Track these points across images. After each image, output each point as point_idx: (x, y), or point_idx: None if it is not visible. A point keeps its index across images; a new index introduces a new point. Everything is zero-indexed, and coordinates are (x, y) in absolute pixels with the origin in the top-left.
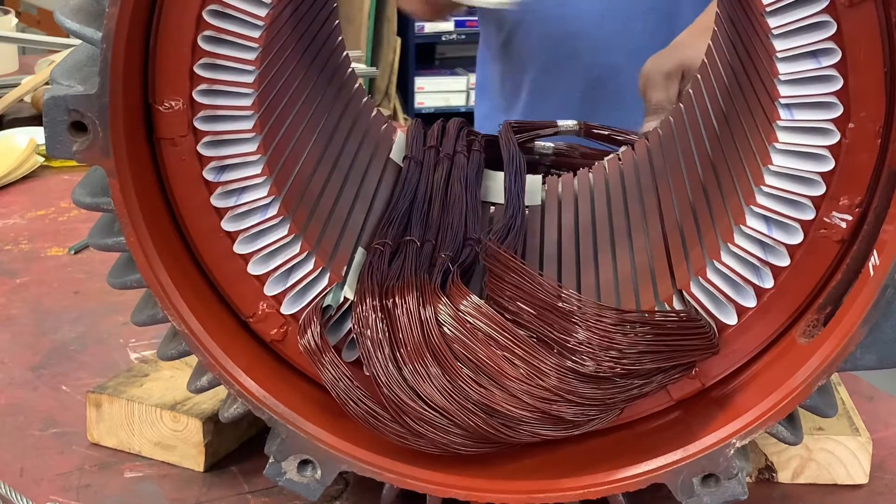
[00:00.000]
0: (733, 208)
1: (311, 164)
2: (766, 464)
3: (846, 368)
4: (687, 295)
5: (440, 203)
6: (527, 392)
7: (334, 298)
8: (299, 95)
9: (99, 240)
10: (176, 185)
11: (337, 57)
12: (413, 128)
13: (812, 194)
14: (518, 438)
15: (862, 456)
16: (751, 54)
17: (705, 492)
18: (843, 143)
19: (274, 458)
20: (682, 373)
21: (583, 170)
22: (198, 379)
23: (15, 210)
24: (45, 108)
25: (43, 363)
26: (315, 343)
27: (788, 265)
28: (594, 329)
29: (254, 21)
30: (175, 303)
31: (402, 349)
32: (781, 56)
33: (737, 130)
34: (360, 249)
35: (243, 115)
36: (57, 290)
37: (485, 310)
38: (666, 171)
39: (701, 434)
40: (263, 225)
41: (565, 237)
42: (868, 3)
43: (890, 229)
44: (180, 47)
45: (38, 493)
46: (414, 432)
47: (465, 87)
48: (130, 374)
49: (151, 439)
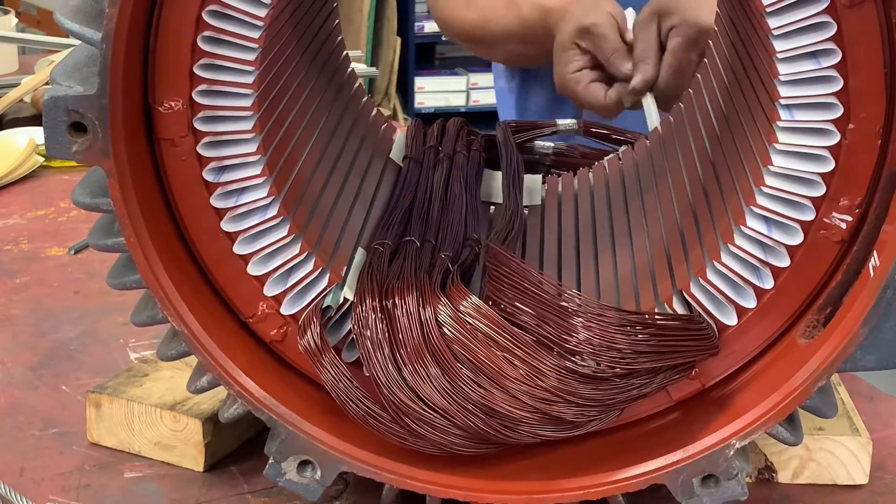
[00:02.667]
0: (733, 209)
1: (311, 164)
2: (765, 464)
3: (846, 369)
4: (687, 295)
5: (440, 203)
6: (527, 393)
7: (334, 299)
8: (299, 95)
9: (98, 240)
10: (176, 186)
11: (337, 57)
12: (413, 128)
13: (812, 195)
14: (518, 439)
15: (862, 456)
16: (751, 55)
17: (705, 492)
18: (843, 144)
19: (274, 459)
20: (682, 373)
21: (583, 170)
22: (197, 379)
23: (15, 210)
24: (45, 109)
25: (43, 363)
26: (315, 343)
27: (788, 266)
28: (595, 329)
29: (253, 21)
30: (175, 303)
31: (401, 350)
32: (781, 57)
33: (737, 131)
34: (359, 250)
35: (243, 115)
36: (57, 290)
37: (484, 310)
38: (666, 171)
39: (701, 435)
40: (263, 225)
41: (565, 237)
42: (868, 4)
43: (890, 230)
44: (180, 48)
45: (38, 493)
46: (414, 433)
47: (465, 87)
48: (130, 374)
49: (151, 439)
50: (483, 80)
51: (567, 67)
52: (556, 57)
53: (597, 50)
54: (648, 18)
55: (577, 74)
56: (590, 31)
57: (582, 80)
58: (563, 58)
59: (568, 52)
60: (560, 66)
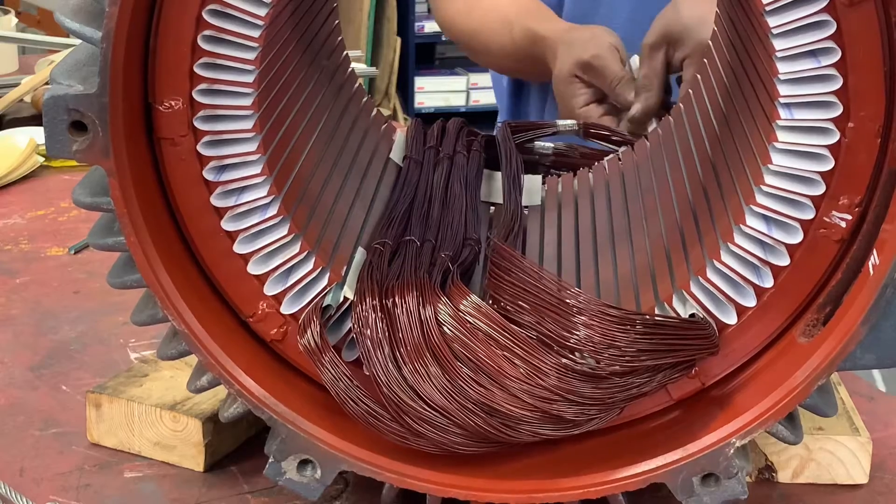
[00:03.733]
0: (733, 208)
1: (311, 163)
2: (765, 463)
3: (846, 368)
4: (687, 295)
5: (440, 203)
6: (527, 391)
7: (334, 298)
8: (299, 95)
9: (99, 240)
10: (176, 185)
11: (337, 57)
12: (413, 128)
13: (812, 194)
14: (518, 438)
15: (862, 456)
16: (751, 54)
17: (705, 491)
18: (842, 143)
19: (274, 458)
20: (682, 372)
21: (583, 170)
22: (198, 379)
23: (15, 210)
24: (45, 108)
25: (43, 363)
26: (315, 343)
27: (788, 265)
28: (595, 328)
29: (254, 21)
30: (175, 302)
31: (401, 349)
32: (781, 55)
33: (737, 130)
34: (359, 249)
35: (243, 114)
36: (57, 290)
37: (484, 309)
38: (666, 171)
39: (701, 433)
40: (263, 225)
41: (565, 237)
42: (868, 3)
43: (890, 229)
44: (180, 47)
45: (38, 493)
46: (414, 432)
47: (465, 86)
48: (130, 374)
49: (151, 439)
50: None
51: (574, 102)
52: (559, 90)
53: (600, 82)
54: (657, 43)
55: (585, 109)
56: (591, 64)
57: (591, 115)
58: (567, 91)
59: (571, 86)
60: (566, 101)
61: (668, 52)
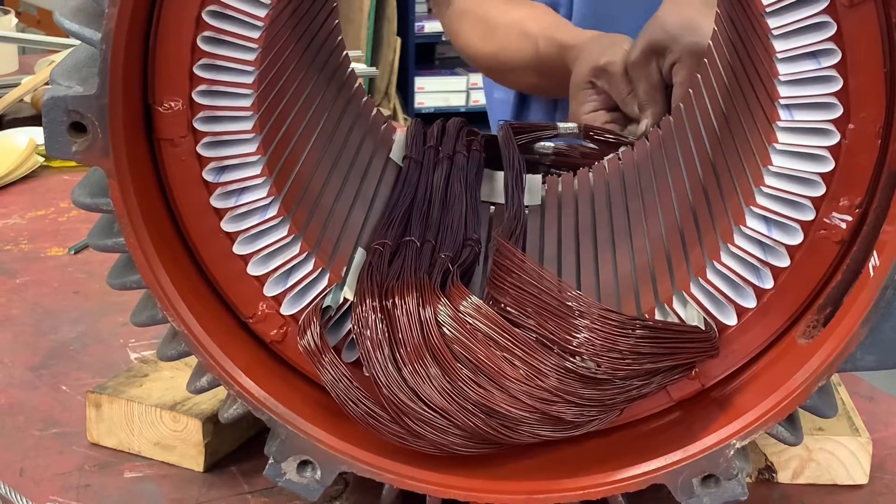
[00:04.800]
0: (733, 209)
1: (311, 164)
2: (766, 464)
3: (846, 369)
4: (687, 295)
5: (440, 203)
6: (526, 393)
7: (334, 299)
8: (299, 95)
9: (98, 240)
10: (175, 186)
11: (337, 57)
12: (413, 128)
13: (812, 195)
14: (518, 439)
15: (862, 456)
16: (751, 55)
17: (705, 492)
18: (843, 144)
19: (273, 459)
20: (682, 373)
21: (583, 170)
22: (197, 379)
23: (15, 210)
24: (45, 109)
25: (43, 363)
26: (315, 344)
27: (788, 266)
28: (596, 330)
29: (253, 22)
30: (174, 303)
31: (401, 350)
32: (781, 57)
33: (737, 131)
34: (359, 249)
35: (243, 115)
36: (57, 290)
37: (484, 310)
38: (666, 171)
39: (701, 435)
40: (263, 225)
41: (565, 237)
42: (868, 4)
43: (890, 230)
44: (180, 48)
45: (37, 493)
46: (413, 433)
47: (465, 87)
48: (130, 374)
49: (151, 439)
50: None
51: (582, 107)
52: (572, 93)
53: (612, 89)
54: (644, 59)
55: (591, 115)
56: (605, 70)
57: (596, 121)
58: (578, 96)
59: (583, 91)
60: (575, 104)
61: (658, 63)
